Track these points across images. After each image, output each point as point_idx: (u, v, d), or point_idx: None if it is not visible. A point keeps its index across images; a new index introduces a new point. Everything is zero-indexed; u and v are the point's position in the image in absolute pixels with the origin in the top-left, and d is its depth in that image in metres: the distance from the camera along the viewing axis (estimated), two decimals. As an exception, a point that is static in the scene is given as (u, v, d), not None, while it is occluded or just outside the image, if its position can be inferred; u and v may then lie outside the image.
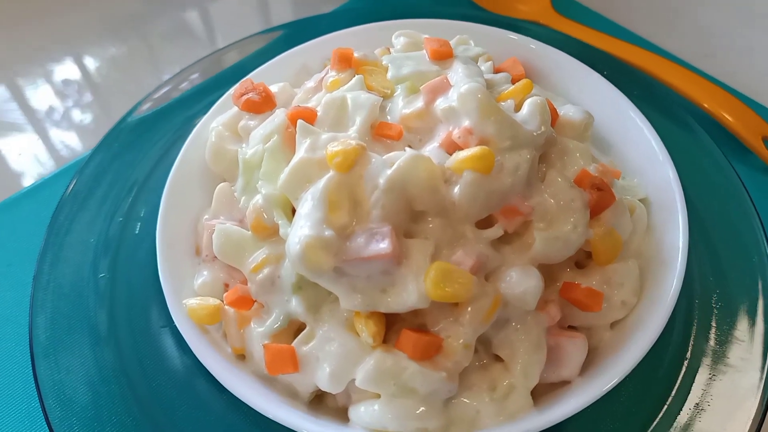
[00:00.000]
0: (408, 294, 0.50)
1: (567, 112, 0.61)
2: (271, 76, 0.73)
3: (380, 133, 0.58)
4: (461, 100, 0.54)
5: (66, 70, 1.04)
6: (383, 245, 0.50)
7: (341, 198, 0.52)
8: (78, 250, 0.70)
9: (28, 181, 0.88)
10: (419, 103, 0.58)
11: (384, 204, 0.51)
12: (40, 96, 1.00)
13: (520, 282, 0.52)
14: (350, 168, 0.52)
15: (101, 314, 0.65)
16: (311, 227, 0.50)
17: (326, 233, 0.50)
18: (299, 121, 0.57)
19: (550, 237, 0.54)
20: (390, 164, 0.52)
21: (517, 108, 0.58)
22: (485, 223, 0.54)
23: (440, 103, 0.57)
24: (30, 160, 0.91)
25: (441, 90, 0.58)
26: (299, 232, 0.50)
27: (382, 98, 0.60)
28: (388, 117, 0.60)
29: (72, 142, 0.94)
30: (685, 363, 0.60)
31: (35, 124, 0.97)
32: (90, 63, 1.06)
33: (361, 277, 0.51)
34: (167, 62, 1.05)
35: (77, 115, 0.98)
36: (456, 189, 0.52)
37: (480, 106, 0.53)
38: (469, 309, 0.51)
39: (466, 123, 0.54)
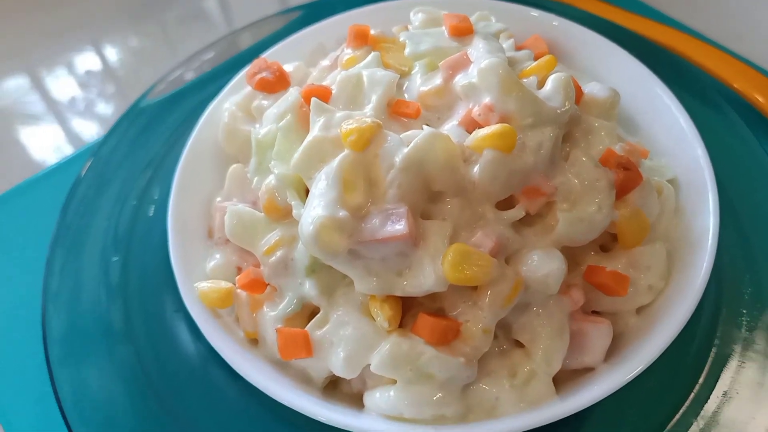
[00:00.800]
0: (425, 277, 0.48)
1: (592, 89, 0.59)
2: (286, 55, 0.71)
3: (397, 111, 0.56)
4: (482, 75, 0.52)
5: (83, 57, 1.04)
6: (399, 226, 0.48)
7: (356, 177, 0.50)
8: (91, 233, 0.70)
9: (33, 158, 0.89)
10: (438, 80, 0.56)
11: (400, 183, 0.49)
12: (58, 84, 1.00)
13: (543, 265, 0.50)
14: (365, 146, 0.50)
15: (115, 299, 0.65)
16: (325, 207, 0.48)
17: (340, 214, 0.48)
18: (313, 99, 0.55)
19: (573, 218, 0.52)
20: (407, 143, 0.50)
21: (540, 85, 0.55)
22: (506, 203, 0.53)
23: (460, 80, 0.55)
24: (46, 146, 0.91)
25: (461, 66, 0.56)
26: (312, 212, 0.49)
27: (399, 75, 0.58)
28: (406, 95, 0.58)
29: (88, 129, 0.94)
30: (713, 350, 0.58)
31: (52, 110, 0.97)
32: (107, 50, 1.06)
33: (376, 260, 0.49)
34: (185, 49, 1.04)
35: (94, 101, 0.97)
36: (476, 168, 0.50)
37: (501, 81, 0.51)
38: (489, 293, 0.49)
39: (486, 99, 0.52)
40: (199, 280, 0.59)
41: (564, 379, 0.53)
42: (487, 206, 0.51)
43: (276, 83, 0.64)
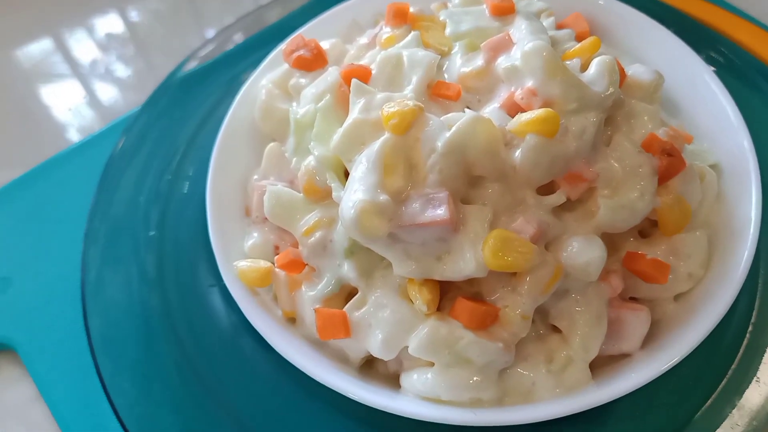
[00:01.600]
0: (465, 262, 0.48)
1: (636, 71, 0.58)
2: (321, 31, 0.70)
3: (437, 93, 0.56)
4: (525, 58, 0.51)
5: (109, 22, 1.03)
6: (440, 211, 0.48)
7: (397, 161, 0.50)
8: (127, 207, 0.71)
9: (71, 134, 0.88)
10: (479, 61, 0.56)
11: (441, 168, 0.49)
12: (84, 48, 1.00)
13: (583, 252, 0.50)
14: (407, 130, 0.50)
15: (151, 272, 0.66)
16: (365, 191, 0.48)
17: (381, 198, 0.48)
18: (354, 80, 0.54)
19: (615, 205, 0.51)
20: (448, 126, 0.50)
21: (584, 67, 0.54)
22: (546, 188, 0.52)
23: (502, 62, 0.54)
24: (74, 112, 0.91)
25: (503, 48, 0.55)
26: (353, 196, 0.48)
27: (439, 56, 0.57)
28: (446, 75, 0.58)
29: (115, 95, 0.93)
30: (747, 336, 0.58)
31: (79, 77, 0.96)
32: (133, 15, 1.04)
33: (415, 244, 0.49)
34: (210, 15, 1.03)
35: (120, 67, 0.97)
36: (517, 153, 0.50)
37: (545, 65, 0.50)
38: (528, 279, 0.49)
39: (529, 83, 0.51)
40: (237, 258, 0.60)
41: (600, 364, 0.53)
42: (527, 191, 0.51)
43: (314, 61, 0.64)
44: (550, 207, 0.51)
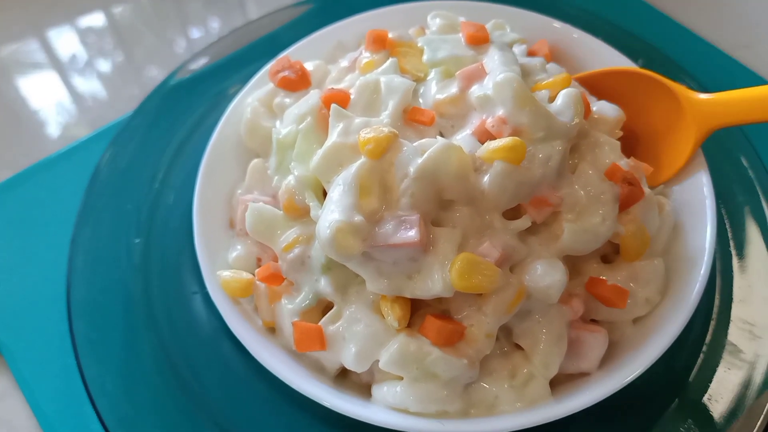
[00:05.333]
0: (433, 282, 0.51)
1: (601, 108, 0.61)
2: (307, 52, 0.73)
3: (412, 119, 0.58)
4: (497, 88, 0.54)
5: (93, 21, 1.04)
6: (411, 233, 0.50)
7: (372, 184, 0.52)
8: (115, 215, 0.72)
9: (59, 136, 0.89)
10: (453, 88, 0.58)
11: (413, 192, 0.51)
12: (67, 46, 1.00)
13: (545, 276, 0.52)
14: (382, 155, 0.52)
15: (135, 278, 0.68)
16: (342, 212, 0.50)
17: (356, 219, 0.50)
18: (333, 106, 0.57)
19: (578, 229, 0.54)
20: (421, 152, 0.52)
21: (552, 99, 0.57)
22: (513, 211, 0.55)
23: (475, 90, 0.57)
24: (60, 113, 0.92)
25: (476, 77, 0.57)
26: (330, 216, 0.51)
27: (415, 83, 0.60)
28: (421, 101, 0.60)
29: (103, 95, 0.94)
30: (701, 357, 0.61)
31: (64, 76, 0.97)
32: (118, 14, 1.04)
33: (387, 263, 0.52)
34: (194, 16, 1.04)
35: (106, 66, 0.97)
36: (486, 178, 0.52)
37: (515, 96, 0.53)
38: (493, 299, 0.52)
39: (500, 112, 0.54)
40: (221, 268, 0.62)
41: (560, 381, 0.56)
42: (495, 215, 0.54)
43: (298, 82, 0.66)
44: (516, 231, 0.54)
